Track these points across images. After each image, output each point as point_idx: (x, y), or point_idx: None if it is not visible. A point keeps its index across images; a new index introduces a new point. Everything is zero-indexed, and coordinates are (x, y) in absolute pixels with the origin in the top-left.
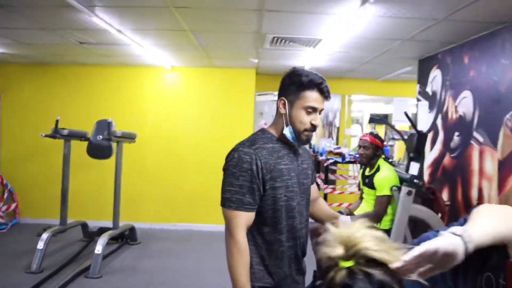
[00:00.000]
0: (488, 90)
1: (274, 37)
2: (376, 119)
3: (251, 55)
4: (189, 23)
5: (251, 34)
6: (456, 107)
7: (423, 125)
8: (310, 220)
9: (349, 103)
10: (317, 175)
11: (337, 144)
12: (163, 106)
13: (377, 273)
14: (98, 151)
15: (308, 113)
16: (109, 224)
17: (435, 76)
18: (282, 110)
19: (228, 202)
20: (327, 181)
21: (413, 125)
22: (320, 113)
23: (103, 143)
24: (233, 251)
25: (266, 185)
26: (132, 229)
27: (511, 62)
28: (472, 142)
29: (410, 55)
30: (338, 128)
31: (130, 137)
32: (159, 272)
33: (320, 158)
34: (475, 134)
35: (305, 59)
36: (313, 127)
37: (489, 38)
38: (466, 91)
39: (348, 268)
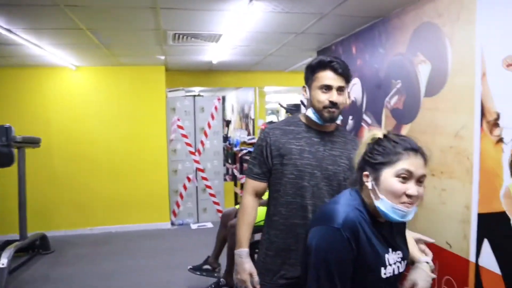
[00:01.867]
0: (371, 77)
1: (175, 34)
2: (288, 109)
3: (156, 52)
4: (84, 22)
5: (152, 31)
6: (349, 93)
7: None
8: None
9: (261, 94)
10: (234, 166)
11: (252, 135)
12: (70, 108)
13: None
14: None
15: (324, 92)
16: (17, 236)
17: None
18: (305, 96)
19: (247, 170)
20: (242, 171)
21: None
22: (341, 91)
23: (2, 150)
24: (239, 210)
25: (274, 160)
26: (43, 238)
27: (386, 51)
28: (362, 124)
29: (308, 47)
30: (253, 120)
31: (33, 142)
32: (75, 278)
33: (235, 149)
34: (364, 117)
35: (211, 54)
36: (332, 104)
37: (370, 30)
38: (355, 78)
39: None
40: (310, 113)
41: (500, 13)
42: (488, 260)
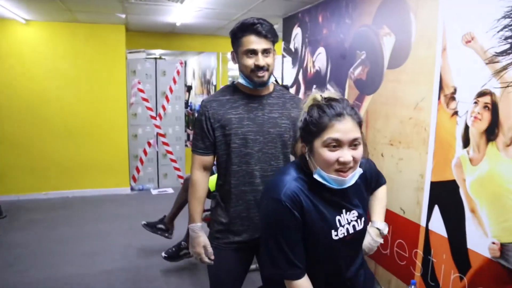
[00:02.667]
0: (337, 47)
1: None
2: None
3: (117, 9)
4: None
5: None
6: (313, 62)
7: (288, 79)
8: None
9: (224, 60)
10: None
11: None
12: (20, 65)
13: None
14: None
15: (250, 56)
16: None
17: (297, 34)
18: (234, 62)
19: (192, 146)
20: None
21: (275, 80)
22: (267, 53)
23: None
24: (189, 186)
25: (216, 132)
26: None
27: (352, 22)
28: None
29: (275, 13)
30: (215, 86)
31: None
32: (30, 243)
33: (196, 115)
34: (328, 87)
35: (175, 15)
36: (258, 67)
37: (337, 0)
38: (321, 47)
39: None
40: (241, 79)
41: None
42: (437, 224)
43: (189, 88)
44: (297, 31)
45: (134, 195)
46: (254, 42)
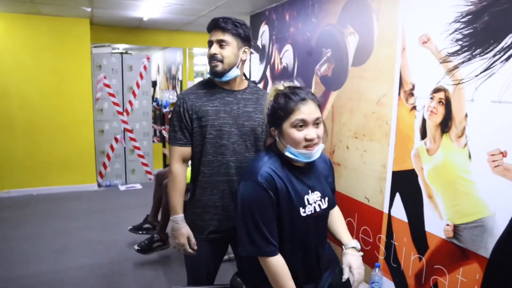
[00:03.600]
0: (303, 44)
1: None
2: None
3: (83, 3)
4: None
5: None
6: (281, 59)
7: (256, 75)
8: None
9: (190, 56)
10: (163, 127)
11: None
12: None
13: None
14: None
15: (209, 47)
16: None
17: (264, 31)
18: None
19: (169, 138)
20: None
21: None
22: (223, 45)
23: None
24: (169, 179)
25: (193, 123)
26: None
27: (318, 21)
28: None
29: (242, 10)
30: (181, 81)
31: None
32: None
33: (164, 110)
34: (295, 82)
35: (143, 10)
36: (213, 57)
37: (303, 0)
38: (288, 45)
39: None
40: (209, 71)
41: None
42: (398, 211)
43: (154, 83)
44: (264, 29)
45: (102, 191)
46: (214, 34)
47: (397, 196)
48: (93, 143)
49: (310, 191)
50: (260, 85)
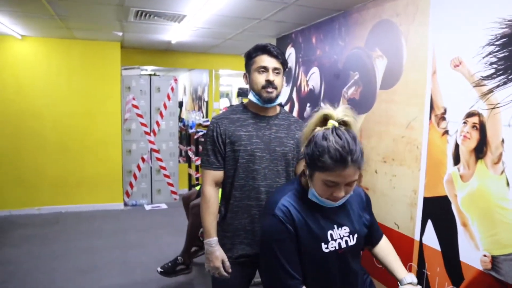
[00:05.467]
0: (330, 67)
1: (138, 11)
2: (242, 93)
3: (115, 27)
4: None
5: (114, 6)
6: (307, 81)
7: (282, 97)
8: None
9: (216, 77)
10: (189, 148)
11: (206, 117)
12: (15, 80)
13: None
14: None
15: (261, 73)
16: None
17: (290, 54)
18: (246, 82)
19: (201, 162)
20: (197, 153)
21: None
22: (277, 73)
23: None
24: (202, 202)
25: (226, 147)
26: None
27: (345, 44)
28: None
29: (268, 33)
30: (207, 102)
31: None
32: (23, 260)
33: (190, 131)
34: (322, 105)
35: (171, 34)
36: (268, 83)
37: (330, 23)
38: (314, 67)
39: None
40: (251, 96)
41: (451, 18)
42: (430, 238)
43: (180, 104)
44: (290, 51)
45: (128, 211)
46: (266, 60)
47: (429, 223)
48: (120, 163)
49: (335, 226)
50: (287, 107)
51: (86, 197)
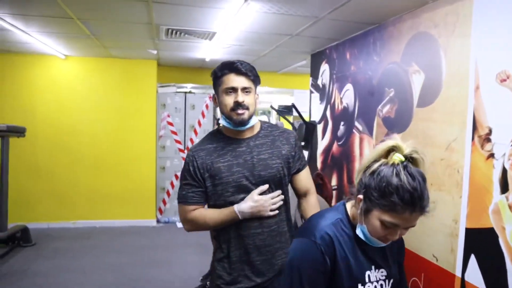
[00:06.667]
0: (365, 84)
1: (168, 29)
2: (279, 111)
3: (149, 46)
4: (74, 11)
5: (144, 25)
6: (341, 98)
7: (316, 115)
8: None
9: None
10: None
11: None
12: (56, 98)
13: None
14: None
15: (229, 94)
16: None
17: (324, 70)
18: (215, 105)
19: (178, 198)
20: None
21: (300, 115)
22: (247, 91)
23: None
24: (197, 225)
25: (206, 182)
26: (24, 230)
27: (380, 59)
28: (354, 130)
29: (303, 49)
30: None
31: (17, 131)
32: (54, 273)
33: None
34: (356, 123)
35: (204, 51)
36: (238, 104)
37: (364, 37)
38: (348, 84)
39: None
40: (222, 120)
41: (496, 27)
42: (474, 275)
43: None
44: (324, 67)
45: (160, 228)
46: (234, 80)
47: (472, 258)
48: (154, 180)
49: (373, 266)
50: (320, 126)
51: (120, 213)
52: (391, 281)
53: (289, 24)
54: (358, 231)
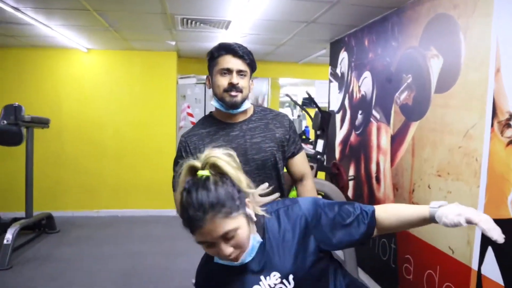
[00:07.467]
0: (382, 71)
1: (183, 18)
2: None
3: (166, 37)
4: (90, 2)
5: (159, 15)
6: (359, 87)
7: (335, 105)
8: None
9: (274, 86)
10: None
11: None
12: (80, 90)
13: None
14: (6, 137)
15: (224, 75)
16: (24, 214)
17: (343, 58)
18: (208, 86)
19: (173, 186)
20: None
21: (316, 104)
22: (242, 75)
23: (11, 129)
24: None
25: None
26: (49, 218)
27: (399, 44)
28: (371, 119)
29: (321, 38)
30: None
31: (41, 122)
32: (75, 259)
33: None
34: (374, 112)
35: (222, 41)
36: (232, 86)
37: (382, 22)
38: (366, 71)
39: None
40: (214, 101)
41: None
42: (491, 269)
43: None
44: (343, 56)
45: (179, 218)
46: (230, 61)
47: (490, 251)
48: None
49: (262, 277)
50: (339, 116)
51: (141, 202)
52: (290, 277)
53: (305, 10)
54: (216, 259)
